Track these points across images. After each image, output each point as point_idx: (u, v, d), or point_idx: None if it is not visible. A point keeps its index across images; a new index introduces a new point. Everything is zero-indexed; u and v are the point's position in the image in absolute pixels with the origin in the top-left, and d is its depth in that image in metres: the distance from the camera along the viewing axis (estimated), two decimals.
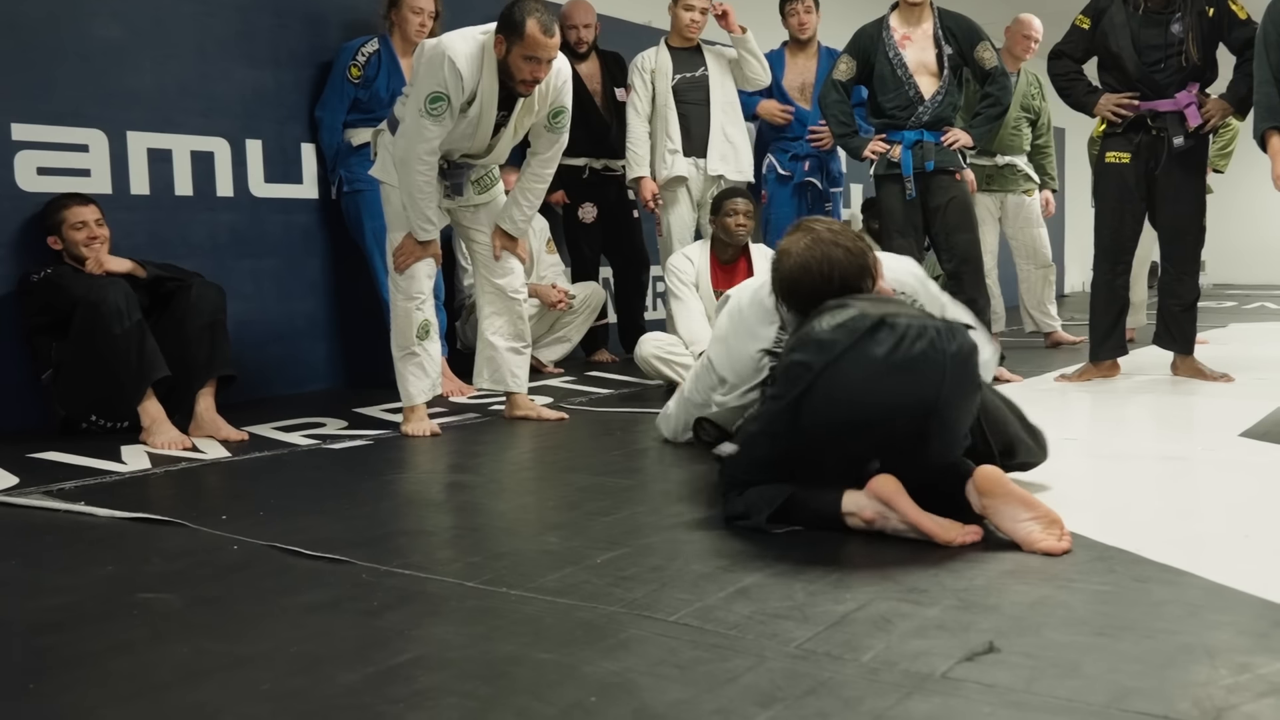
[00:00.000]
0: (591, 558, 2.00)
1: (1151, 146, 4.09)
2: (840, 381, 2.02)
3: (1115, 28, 4.07)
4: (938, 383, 2.02)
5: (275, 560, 2.05)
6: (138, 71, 3.99)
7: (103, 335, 3.28)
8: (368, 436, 3.42)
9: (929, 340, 2.02)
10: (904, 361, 2.00)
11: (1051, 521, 1.98)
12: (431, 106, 3.20)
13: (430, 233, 3.37)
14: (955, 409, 2.08)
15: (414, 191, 3.30)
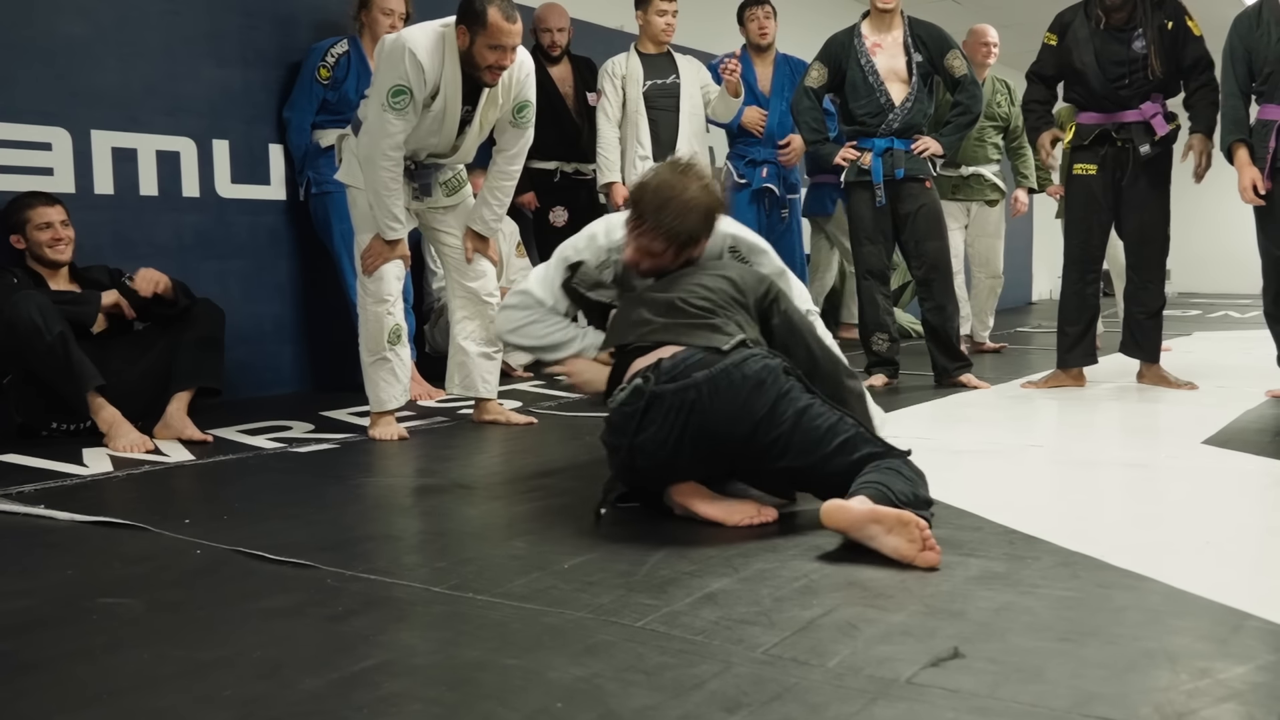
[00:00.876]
0: (559, 563, 1.99)
1: (1117, 158, 4.13)
2: (645, 450, 2.20)
3: (1079, 43, 4.11)
4: (728, 421, 2.16)
5: (239, 565, 2.03)
6: (103, 70, 3.94)
7: (28, 352, 3.24)
8: (334, 440, 3.40)
9: (697, 391, 2.15)
10: (685, 421, 2.16)
11: (902, 524, 1.92)
12: (394, 100, 3.17)
13: (397, 231, 3.33)
14: (765, 429, 2.15)
15: (379, 189, 3.27)
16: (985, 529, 2.21)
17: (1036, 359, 5.56)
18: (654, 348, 2.28)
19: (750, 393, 2.15)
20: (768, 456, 2.19)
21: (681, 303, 2.32)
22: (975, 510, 2.35)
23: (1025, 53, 5.79)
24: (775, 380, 2.17)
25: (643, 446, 2.18)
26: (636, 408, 2.18)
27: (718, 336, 2.23)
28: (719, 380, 2.15)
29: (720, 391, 2.14)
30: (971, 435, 3.48)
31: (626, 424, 2.20)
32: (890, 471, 2.12)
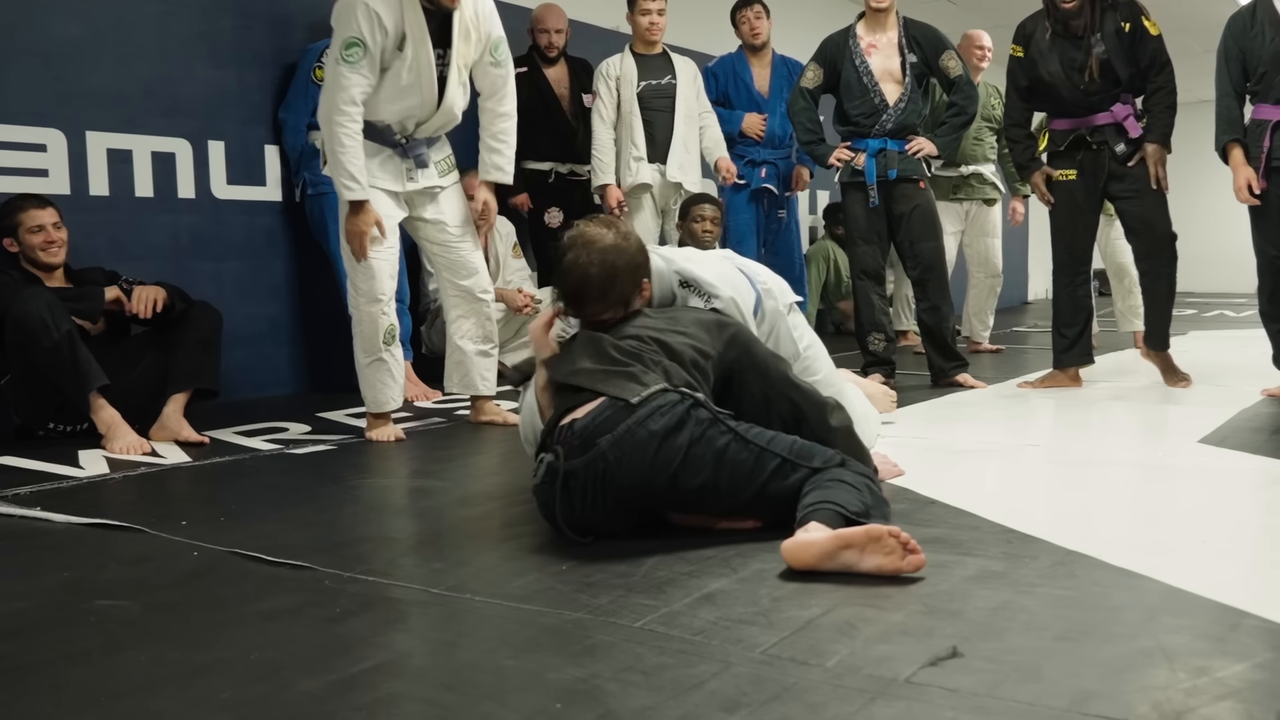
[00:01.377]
0: (556, 564, 1.99)
1: (1095, 160, 4.14)
2: (576, 523, 2.12)
3: (1043, 54, 4.12)
4: (643, 479, 2.08)
5: (236, 566, 2.03)
6: (98, 71, 3.94)
7: (33, 349, 3.23)
8: (331, 441, 3.39)
9: (604, 461, 2.07)
10: (603, 489, 2.09)
11: (873, 539, 1.86)
12: (347, 54, 3.12)
13: (354, 191, 3.19)
14: (686, 476, 2.08)
15: (335, 146, 3.17)
16: (983, 528, 2.21)
17: (1033, 359, 5.56)
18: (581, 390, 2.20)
19: (660, 446, 2.06)
20: (702, 500, 2.13)
21: (612, 348, 2.25)
22: (972, 509, 2.35)
23: None
24: (685, 427, 2.08)
25: (572, 522, 2.11)
26: (554, 488, 2.12)
27: (632, 386, 2.13)
28: (624, 443, 2.07)
29: (627, 454, 2.06)
30: (968, 435, 3.48)
31: (550, 503, 2.14)
32: (832, 485, 2.05)
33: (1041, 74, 4.13)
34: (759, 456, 2.10)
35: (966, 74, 4.57)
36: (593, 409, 2.12)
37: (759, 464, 2.10)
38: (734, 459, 2.09)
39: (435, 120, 3.38)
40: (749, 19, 5.31)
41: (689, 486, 2.09)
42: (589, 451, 2.08)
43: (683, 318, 2.38)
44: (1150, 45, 4.04)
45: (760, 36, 5.32)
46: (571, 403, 2.19)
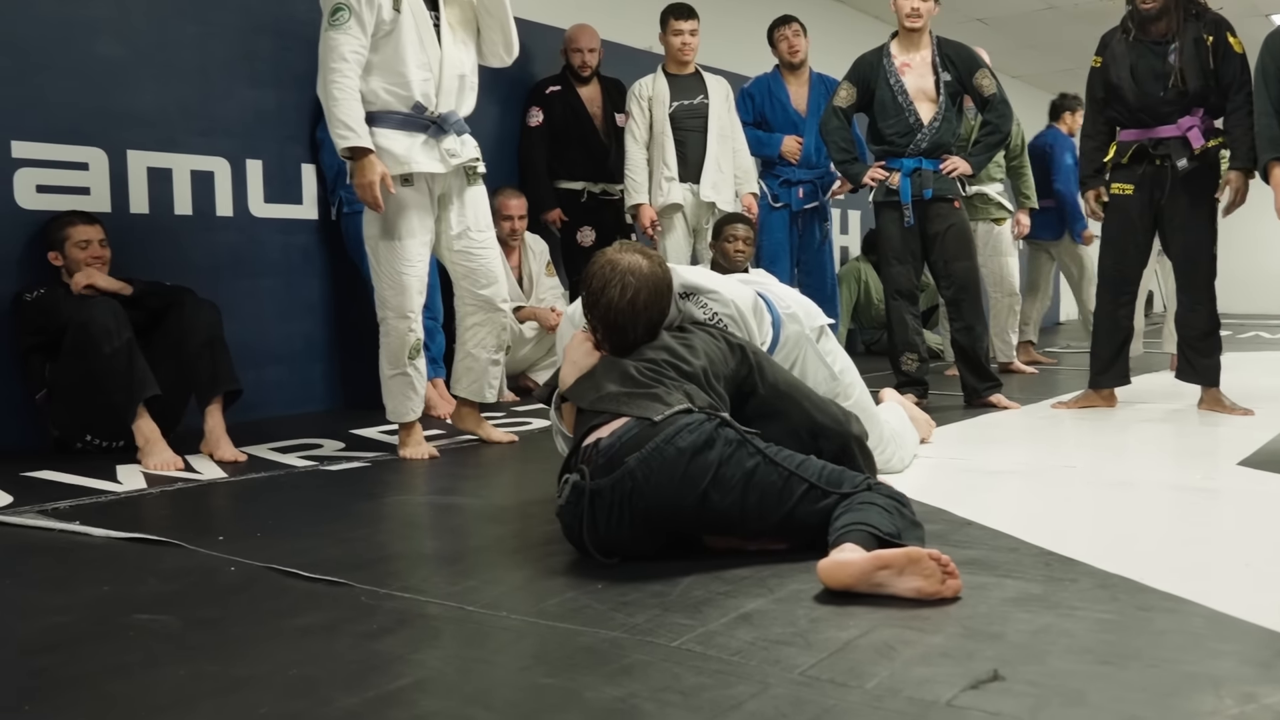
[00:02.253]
0: (592, 582, 1.98)
1: (1155, 176, 4.09)
2: (603, 545, 2.10)
3: (1116, 59, 4.10)
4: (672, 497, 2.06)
5: (273, 582, 2.04)
6: (140, 91, 3.99)
7: (93, 354, 3.27)
8: (365, 458, 3.41)
9: (632, 479, 2.05)
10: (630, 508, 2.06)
11: (912, 561, 1.84)
12: (334, 18, 3.16)
13: (351, 138, 3.15)
14: (715, 496, 2.05)
15: (329, 101, 3.16)
16: (1021, 550, 2.19)
17: (1066, 379, 5.51)
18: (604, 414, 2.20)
19: (689, 464, 2.05)
20: (730, 521, 2.11)
21: (636, 371, 2.25)
22: (1010, 531, 2.33)
23: (1046, 73, 5.79)
24: (714, 445, 2.07)
25: (598, 543, 2.10)
26: (580, 508, 2.11)
27: (656, 405, 2.12)
28: (651, 461, 2.05)
29: (655, 471, 2.04)
30: (1003, 456, 3.45)
31: (576, 524, 2.13)
32: (864, 508, 2.03)
33: (1111, 78, 4.10)
34: (788, 480, 2.09)
35: (1001, 92, 4.55)
36: (618, 428, 2.11)
37: (788, 487, 2.08)
38: (763, 480, 2.08)
39: (447, 84, 3.35)
40: (788, 37, 5.31)
41: (718, 507, 2.07)
42: (616, 470, 2.06)
43: (695, 340, 2.38)
44: (1231, 63, 3.98)
45: (799, 55, 5.33)
46: (595, 423, 2.18)
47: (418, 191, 3.35)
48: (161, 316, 3.54)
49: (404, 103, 3.28)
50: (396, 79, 3.26)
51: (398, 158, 3.26)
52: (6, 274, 3.62)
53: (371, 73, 3.25)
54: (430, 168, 3.33)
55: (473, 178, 3.47)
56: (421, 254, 3.38)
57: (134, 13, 3.97)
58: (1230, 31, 4.00)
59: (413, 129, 3.31)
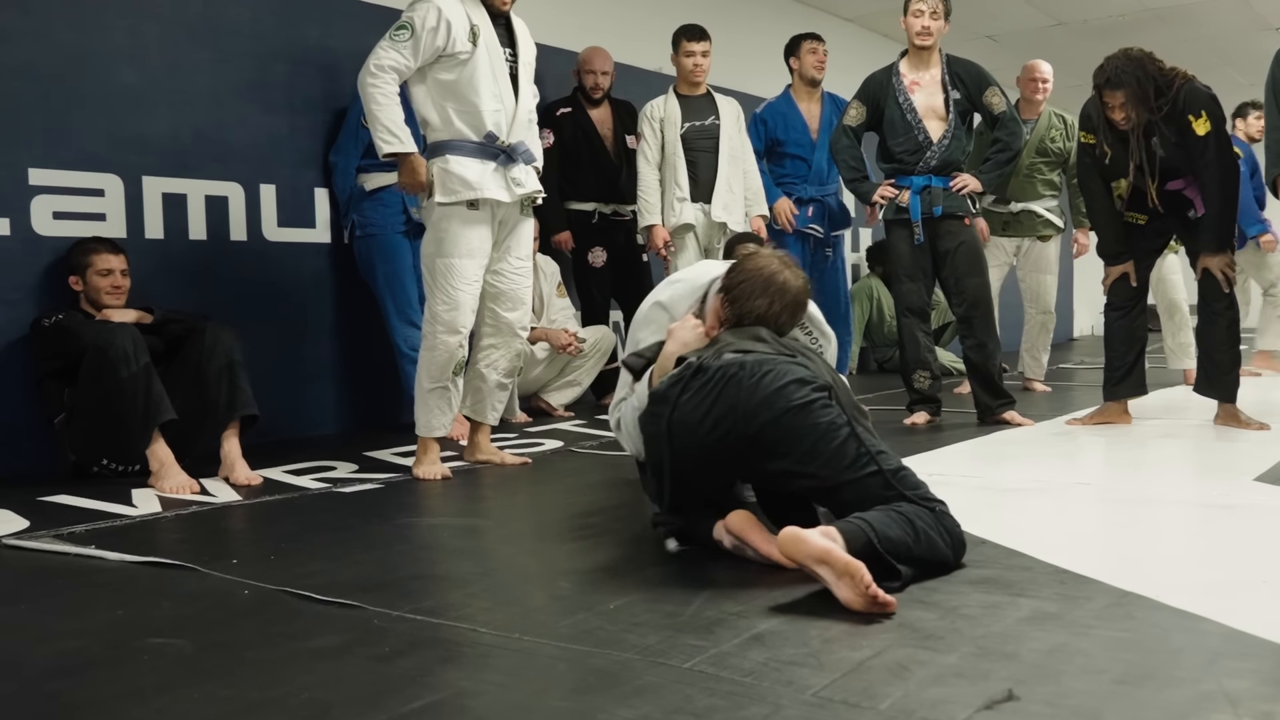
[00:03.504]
0: (604, 603, 1.98)
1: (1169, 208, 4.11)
2: (682, 425, 2.21)
3: (1113, 149, 4.05)
4: (749, 414, 2.15)
5: (286, 605, 2.04)
6: (154, 117, 4.03)
7: (110, 378, 3.29)
8: (378, 480, 3.42)
9: (740, 367, 2.19)
10: (721, 392, 2.18)
11: (848, 572, 1.86)
12: (396, 33, 3.32)
13: (393, 144, 3.30)
14: (794, 421, 2.14)
15: (372, 106, 3.31)
16: (1035, 568, 2.18)
17: (1080, 395, 5.49)
18: None
19: (790, 385, 2.15)
20: (792, 461, 2.15)
21: (769, 337, 2.42)
22: (1024, 549, 2.32)
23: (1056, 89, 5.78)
24: (819, 398, 2.16)
25: (680, 420, 2.18)
26: (682, 375, 2.23)
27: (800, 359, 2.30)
28: (765, 364, 2.17)
29: (761, 375, 2.15)
30: (1017, 473, 3.44)
31: (669, 392, 2.22)
32: (895, 516, 2.04)
33: (1109, 164, 4.10)
34: (861, 456, 2.14)
35: (1011, 110, 4.56)
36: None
37: (859, 460, 2.14)
38: (842, 444, 2.14)
39: (520, 117, 3.49)
40: (816, 51, 5.35)
41: (789, 439, 2.13)
42: (730, 360, 2.22)
43: (791, 343, 2.51)
44: (1196, 145, 3.90)
45: (823, 70, 5.36)
46: None
47: (481, 214, 3.44)
48: (182, 342, 3.57)
49: (476, 132, 3.40)
50: (469, 108, 3.39)
51: (470, 184, 3.38)
52: (25, 300, 3.65)
53: (446, 98, 3.38)
54: (498, 195, 3.44)
55: (527, 208, 3.58)
56: (477, 274, 3.46)
57: (149, 41, 4.02)
58: (1193, 115, 3.87)
59: (485, 157, 3.42)
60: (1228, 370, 4.16)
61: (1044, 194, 5.69)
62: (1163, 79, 3.87)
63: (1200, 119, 3.87)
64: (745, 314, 2.52)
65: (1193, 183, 4.01)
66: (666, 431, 2.22)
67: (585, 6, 5.95)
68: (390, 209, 4.48)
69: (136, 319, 3.51)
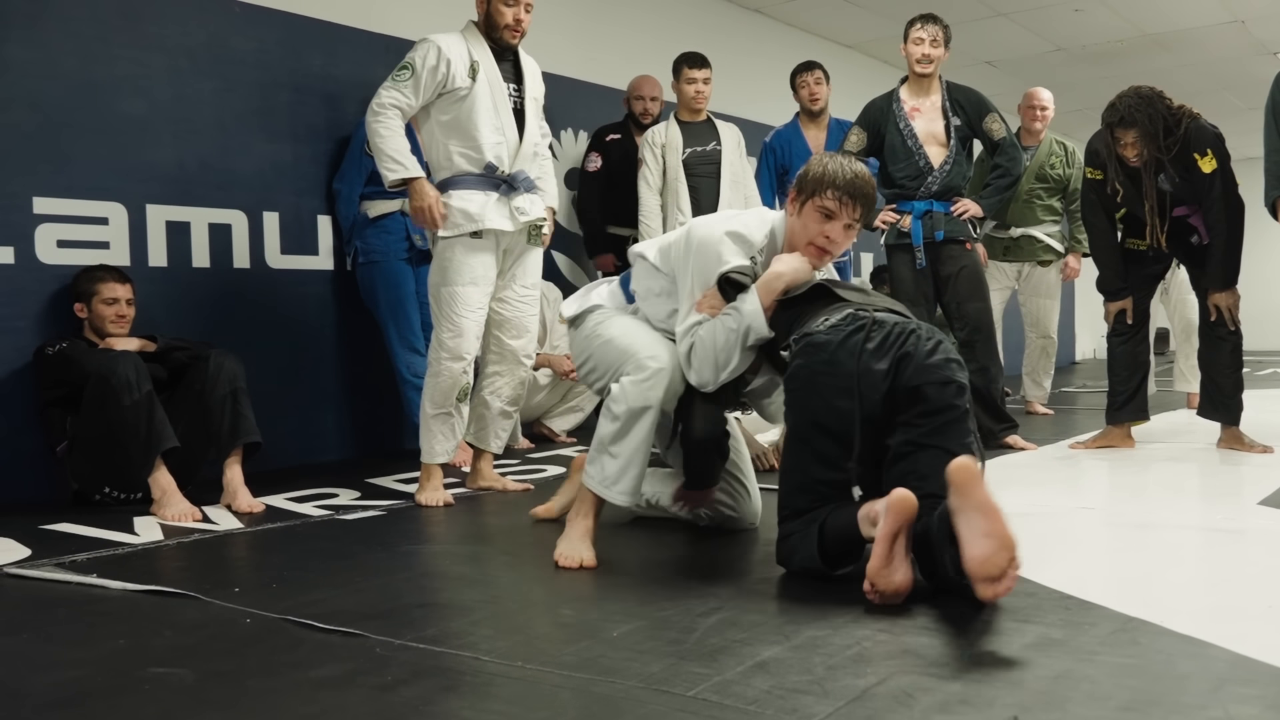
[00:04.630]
0: (607, 631, 1.97)
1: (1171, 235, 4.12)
2: (870, 379, 2.22)
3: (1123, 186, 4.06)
4: (919, 369, 2.21)
5: (288, 633, 2.03)
6: (158, 146, 4.05)
7: (113, 406, 3.29)
8: (381, 507, 3.41)
9: (909, 335, 2.25)
10: (887, 355, 2.22)
11: (1003, 546, 1.91)
12: (398, 74, 3.40)
13: (399, 170, 3.35)
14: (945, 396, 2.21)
15: (376, 139, 3.37)
16: (1040, 594, 2.17)
17: (1082, 419, 5.48)
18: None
19: (953, 362, 2.26)
20: (923, 419, 2.21)
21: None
22: (1029, 575, 2.30)
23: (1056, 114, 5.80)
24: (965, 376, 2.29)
25: (865, 367, 2.21)
26: (861, 325, 2.26)
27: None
28: (935, 335, 2.27)
29: (935, 344, 2.25)
30: (1021, 497, 3.43)
31: (849, 343, 2.24)
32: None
33: (1119, 201, 4.12)
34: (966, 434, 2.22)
35: (1010, 136, 4.58)
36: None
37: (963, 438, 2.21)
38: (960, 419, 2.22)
39: (525, 150, 3.53)
40: (808, 84, 5.36)
41: (933, 404, 2.20)
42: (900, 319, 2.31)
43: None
44: (1202, 183, 3.94)
45: (819, 102, 5.37)
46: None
47: (486, 243, 3.47)
48: (185, 369, 3.58)
49: (476, 164, 3.44)
50: (469, 143, 3.43)
51: (472, 215, 3.42)
52: (29, 328, 3.66)
53: (448, 135, 3.44)
54: (501, 225, 3.47)
55: (534, 236, 3.60)
56: (482, 302, 3.49)
57: (154, 70, 4.04)
58: (1198, 154, 3.91)
59: (486, 187, 3.46)
60: (1231, 394, 4.17)
61: (1044, 219, 5.71)
62: (1171, 117, 3.90)
63: (1206, 157, 3.91)
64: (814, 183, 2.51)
65: (1196, 210, 4.03)
66: (857, 380, 2.23)
67: (590, 37, 5.98)
68: (393, 236, 4.50)
69: (140, 347, 3.53)
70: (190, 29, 4.16)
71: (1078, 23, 7.86)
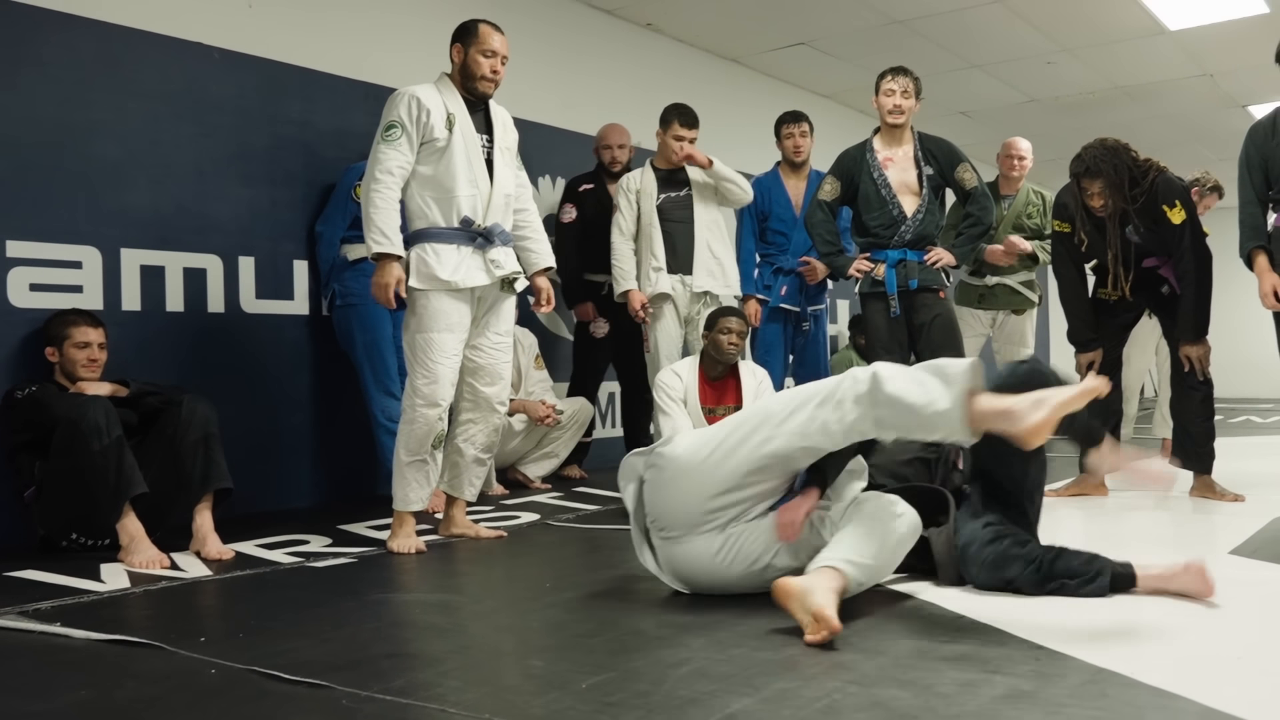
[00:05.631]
0: (577, 682, 1.96)
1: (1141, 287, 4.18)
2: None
3: (1090, 236, 4.14)
4: None
5: (253, 684, 2.01)
6: (135, 190, 4.05)
7: (81, 452, 3.26)
8: (352, 554, 3.38)
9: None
10: None
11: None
12: (387, 134, 3.42)
13: (383, 245, 3.35)
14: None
15: (370, 209, 3.38)
16: (1010, 644, 2.17)
17: (1056, 467, 5.48)
18: None
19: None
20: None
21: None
22: (999, 625, 2.31)
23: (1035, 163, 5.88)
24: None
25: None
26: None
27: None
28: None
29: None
30: None
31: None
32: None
33: (1087, 253, 4.19)
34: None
35: (982, 185, 4.64)
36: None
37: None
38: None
39: (496, 202, 3.55)
40: (795, 135, 5.37)
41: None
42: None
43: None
44: (1172, 234, 4.02)
45: (802, 154, 5.38)
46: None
47: (461, 292, 3.48)
48: (158, 414, 3.55)
49: (452, 217, 3.47)
50: (445, 194, 3.46)
51: (443, 275, 3.44)
52: None
53: (424, 187, 3.47)
54: (475, 280, 3.50)
55: (508, 287, 3.61)
56: (456, 348, 3.50)
57: (131, 115, 4.05)
58: (1167, 205, 3.99)
59: (461, 241, 3.48)
60: (1203, 442, 4.20)
61: (1019, 268, 5.75)
62: (1137, 169, 3.97)
63: (1175, 208, 3.99)
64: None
65: (1166, 262, 4.09)
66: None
67: (568, 85, 6.04)
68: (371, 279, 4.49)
69: (111, 392, 3.50)
70: (169, 74, 4.17)
71: (1050, 75, 8.00)
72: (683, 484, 2.56)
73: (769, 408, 2.50)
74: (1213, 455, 4.22)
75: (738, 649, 2.15)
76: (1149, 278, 4.17)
